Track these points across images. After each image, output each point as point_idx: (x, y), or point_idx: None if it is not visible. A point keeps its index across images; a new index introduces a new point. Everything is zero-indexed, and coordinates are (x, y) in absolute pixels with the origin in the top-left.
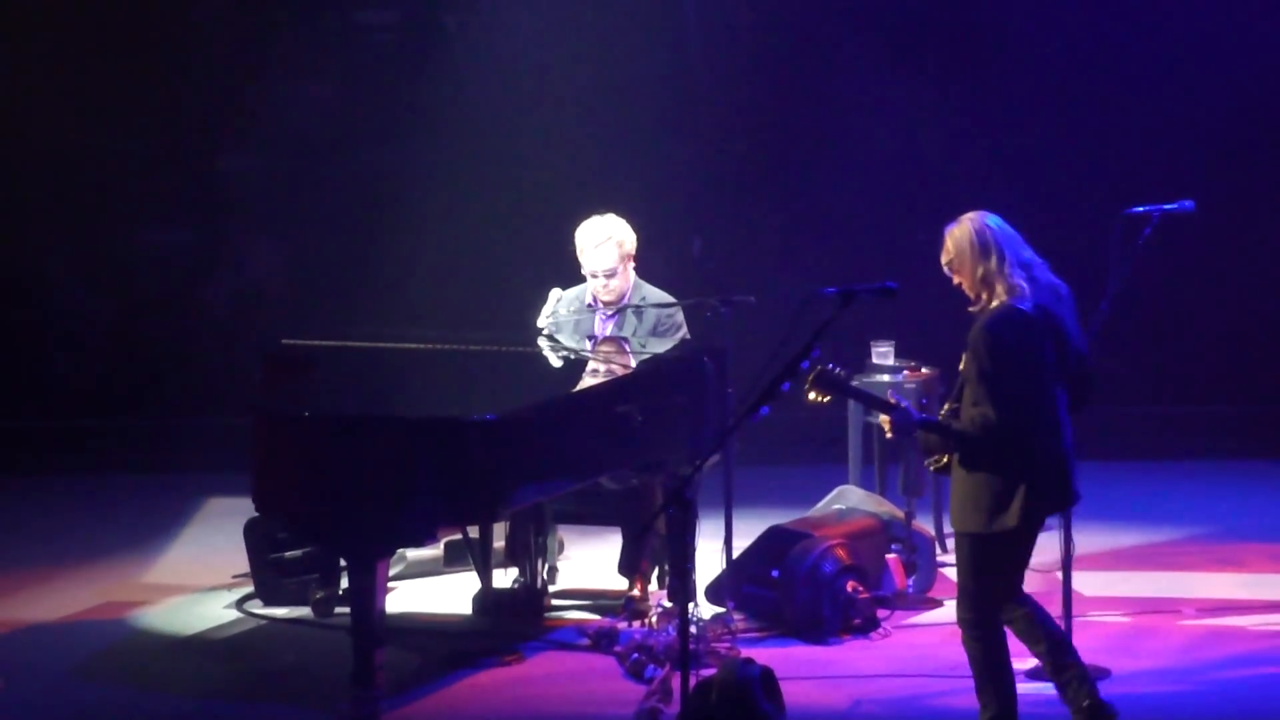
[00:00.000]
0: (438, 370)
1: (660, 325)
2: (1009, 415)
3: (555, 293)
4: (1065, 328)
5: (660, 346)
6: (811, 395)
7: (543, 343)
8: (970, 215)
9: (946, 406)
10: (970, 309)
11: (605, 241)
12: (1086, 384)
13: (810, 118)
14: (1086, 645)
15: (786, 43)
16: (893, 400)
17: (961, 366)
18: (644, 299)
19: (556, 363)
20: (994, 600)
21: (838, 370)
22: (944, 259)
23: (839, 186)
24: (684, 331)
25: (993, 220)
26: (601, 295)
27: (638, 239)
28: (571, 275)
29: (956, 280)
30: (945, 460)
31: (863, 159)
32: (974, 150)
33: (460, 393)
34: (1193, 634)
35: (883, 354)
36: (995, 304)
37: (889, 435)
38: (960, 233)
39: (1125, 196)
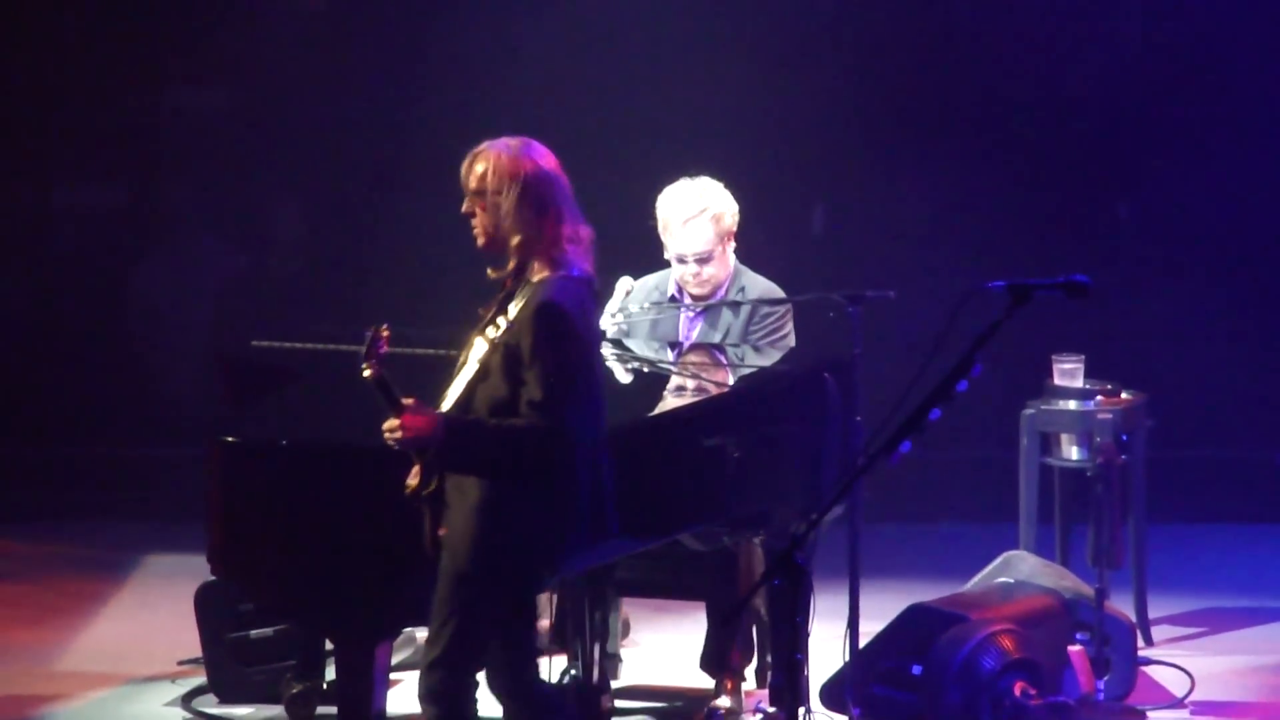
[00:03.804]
0: None
1: (753, 330)
2: (577, 424)
3: (624, 282)
4: None
5: (758, 359)
6: (366, 373)
7: (607, 350)
8: (526, 147)
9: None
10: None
11: (698, 215)
12: None
13: (980, 52)
14: None
15: None
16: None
17: (483, 354)
18: (743, 291)
19: (624, 376)
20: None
21: (381, 339)
22: (477, 184)
23: (1015, 146)
24: (788, 338)
25: (553, 163)
26: (691, 287)
27: (739, 210)
28: (647, 259)
29: (472, 207)
30: (435, 485)
31: (1049, 105)
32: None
33: None
34: None
35: (1068, 372)
36: (540, 275)
37: (395, 445)
38: (511, 167)
39: None
